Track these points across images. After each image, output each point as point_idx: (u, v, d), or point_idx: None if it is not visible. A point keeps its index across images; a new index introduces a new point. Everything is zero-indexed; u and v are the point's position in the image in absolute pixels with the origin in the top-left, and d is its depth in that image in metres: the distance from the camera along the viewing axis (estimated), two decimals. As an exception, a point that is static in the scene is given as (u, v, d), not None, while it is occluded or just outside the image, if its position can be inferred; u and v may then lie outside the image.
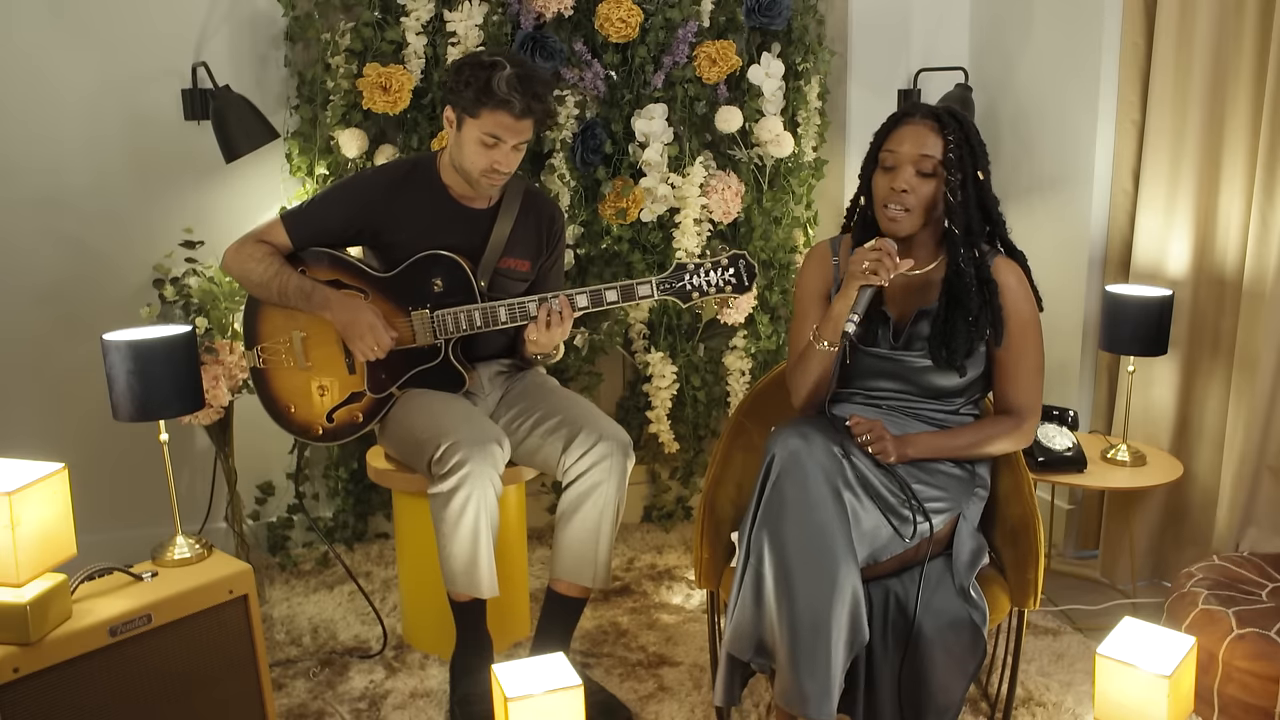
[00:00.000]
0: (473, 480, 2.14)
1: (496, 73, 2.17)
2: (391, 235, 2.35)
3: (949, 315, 1.95)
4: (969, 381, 1.99)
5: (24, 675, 1.68)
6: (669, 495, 3.31)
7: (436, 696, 2.36)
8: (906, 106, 1.99)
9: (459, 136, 2.26)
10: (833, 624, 1.75)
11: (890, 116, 2.00)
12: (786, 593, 1.78)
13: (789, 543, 1.79)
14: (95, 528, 2.40)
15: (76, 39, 2.72)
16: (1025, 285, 1.99)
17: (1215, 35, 2.55)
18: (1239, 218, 2.54)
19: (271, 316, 2.41)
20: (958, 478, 1.98)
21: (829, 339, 1.95)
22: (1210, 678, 2.06)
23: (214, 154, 2.73)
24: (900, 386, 2.01)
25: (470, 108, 2.20)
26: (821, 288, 2.09)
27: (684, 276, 2.28)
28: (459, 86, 2.21)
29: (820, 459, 1.83)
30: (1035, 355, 2.00)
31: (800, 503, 1.80)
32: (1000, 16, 3.16)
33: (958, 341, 1.94)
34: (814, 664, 1.75)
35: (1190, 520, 2.74)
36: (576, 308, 2.28)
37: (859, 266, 1.91)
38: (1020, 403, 2.00)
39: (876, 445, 1.89)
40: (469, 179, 2.30)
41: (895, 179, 1.93)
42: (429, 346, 2.36)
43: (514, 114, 2.19)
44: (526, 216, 2.43)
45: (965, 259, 1.94)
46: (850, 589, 1.78)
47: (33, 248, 2.78)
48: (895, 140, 1.95)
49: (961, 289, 1.94)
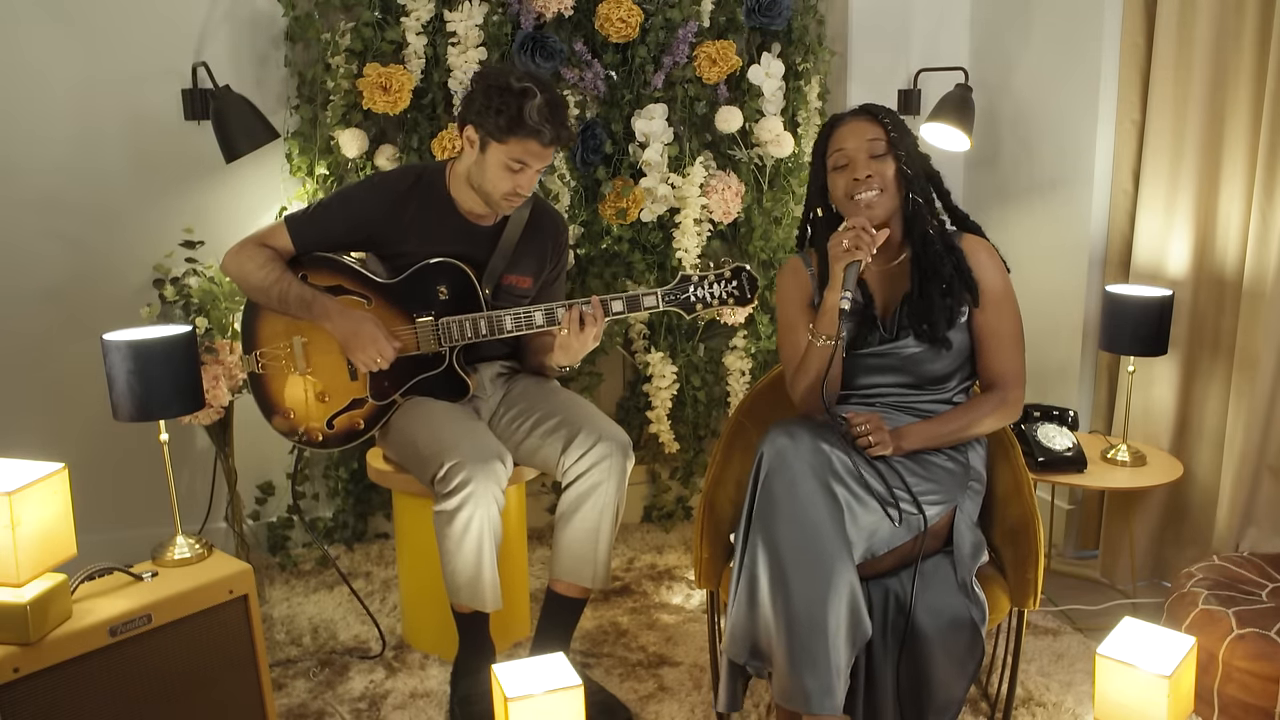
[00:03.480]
0: (476, 499, 2.14)
1: (528, 101, 2.15)
2: (396, 246, 2.33)
3: (924, 289, 2.01)
4: (958, 360, 2.03)
5: (24, 675, 1.68)
6: (669, 495, 3.31)
7: (436, 696, 2.36)
8: (829, 118, 2.11)
9: (482, 159, 2.23)
10: (829, 619, 1.75)
11: (822, 127, 2.10)
12: (782, 591, 1.78)
13: (781, 542, 1.80)
14: (95, 528, 2.40)
15: (76, 39, 2.72)
16: (995, 257, 2.06)
17: (1215, 35, 2.55)
18: (1239, 218, 2.54)
19: (271, 321, 2.39)
20: (950, 470, 1.99)
21: (826, 332, 1.98)
22: (1210, 678, 2.06)
23: (214, 154, 2.73)
24: (895, 380, 2.04)
25: (499, 134, 2.18)
26: (802, 297, 2.13)
27: (688, 288, 2.28)
28: (488, 112, 2.17)
29: (807, 456, 1.84)
30: (1013, 323, 2.05)
31: (790, 501, 1.81)
32: (1000, 16, 3.16)
33: (936, 313, 1.99)
34: (813, 660, 1.75)
35: (1190, 520, 2.74)
36: (558, 319, 2.25)
37: (839, 248, 1.96)
38: (1003, 372, 2.04)
39: (875, 436, 1.91)
40: (489, 200, 2.28)
41: (854, 170, 2.00)
42: (432, 354, 2.35)
43: (543, 143, 2.18)
44: (533, 233, 2.41)
45: (935, 230, 2.02)
46: (846, 584, 1.78)
47: (33, 248, 2.78)
48: (838, 140, 2.03)
49: (931, 258, 2.01)
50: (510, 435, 2.37)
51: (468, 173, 2.29)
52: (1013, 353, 2.04)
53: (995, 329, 2.03)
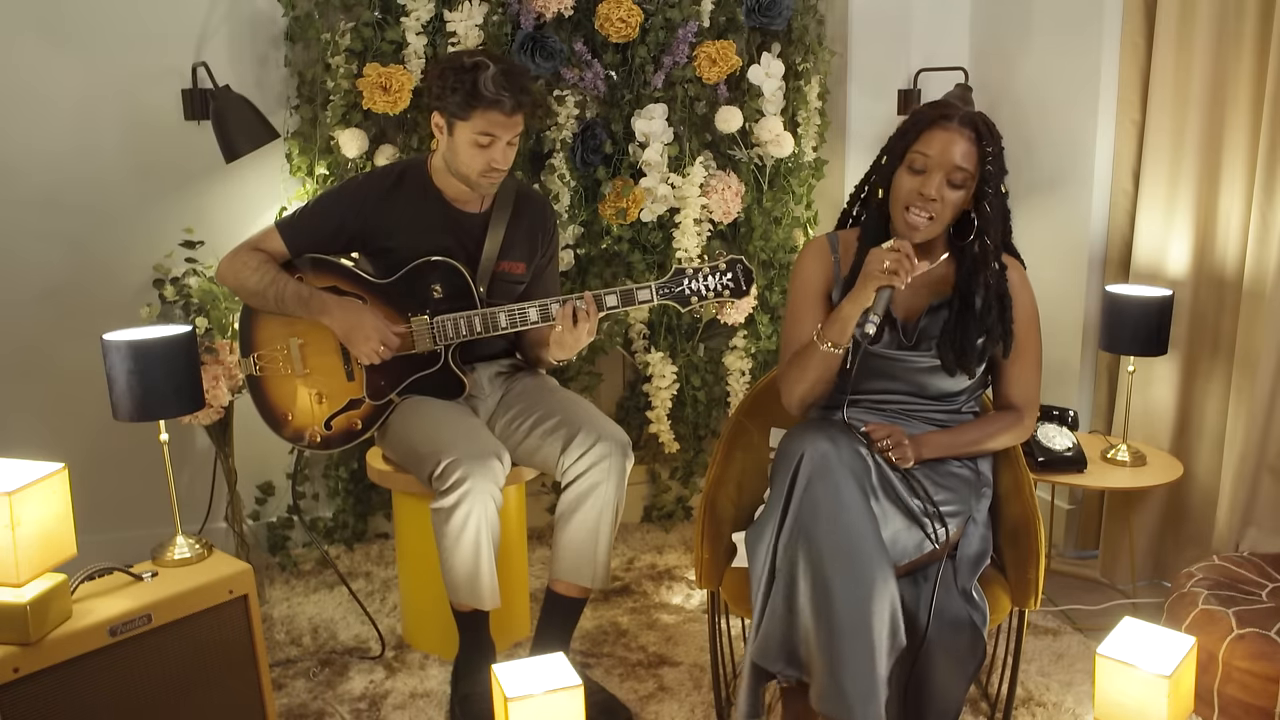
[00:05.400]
0: (473, 496, 2.14)
1: (481, 73, 2.17)
2: (386, 240, 2.34)
3: (962, 323, 1.93)
4: (971, 383, 1.99)
5: (24, 675, 1.68)
6: (669, 495, 3.31)
7: (436, 696, 2.36)
8: (941, 107, 1.91)
9: (451, 141, 2.26)
10: (874, 625, 1.72)
11: (924, 113, 1.90)
12: (825, 597, 1.74)
13: (824, 547, 1.75)
14: (95, 528, 2.40)
15: (76, 40, 2.72)
16: (1027, 282, 2.00)
17: (1215, 35, 2.55)
18: (1239, 218, 2.54)
19: (268, 323, 2.40)
20: (966, 479, 1.98)
21: (834, 340, 1.90)
22: (1210, 678, 2.06)
23: (214, 154, 2.73)
24: (902, 388, 1.99)
25: (460, 111, 2.20)
26: (821, 285, 2.03)
27: (682, 281, 2.28)
28: (444, 92, 2.21)
29: (849, 462, 1.80)
30: (1035, 352, 2.01)
31: (833, 506, 1.77)
32: (1000, 16, 3.16)
33: (970, 350, 1.93)
34: (857, 666, 1.72)
35: (1190, 520, 2.74)
36: (552, 315, 2.25)
37: (878, 266, 1.83)
38: (1021, 399, 2.02)
39: (897, 451, 1.88)
40: (467, 181, 2.30)
41: (925, 184, 1.86)
42: (428, 352, 2.36)
43: (505, 111, 2.19)
44: (520, 218, 2.43)
45: (992, 273, 1.92)
46: (888, 591, 1.75)
47: (33, 248, 2.78)
48: (928, 143, 1.86)
49: (981, 303, 1.92)
50: (509, 435, 2.37)
51: (445, 159, 2.31)
52: (1031, 379, 2.01)
53: (1020, 351, 1.99)
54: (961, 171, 1.86)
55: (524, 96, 2.21)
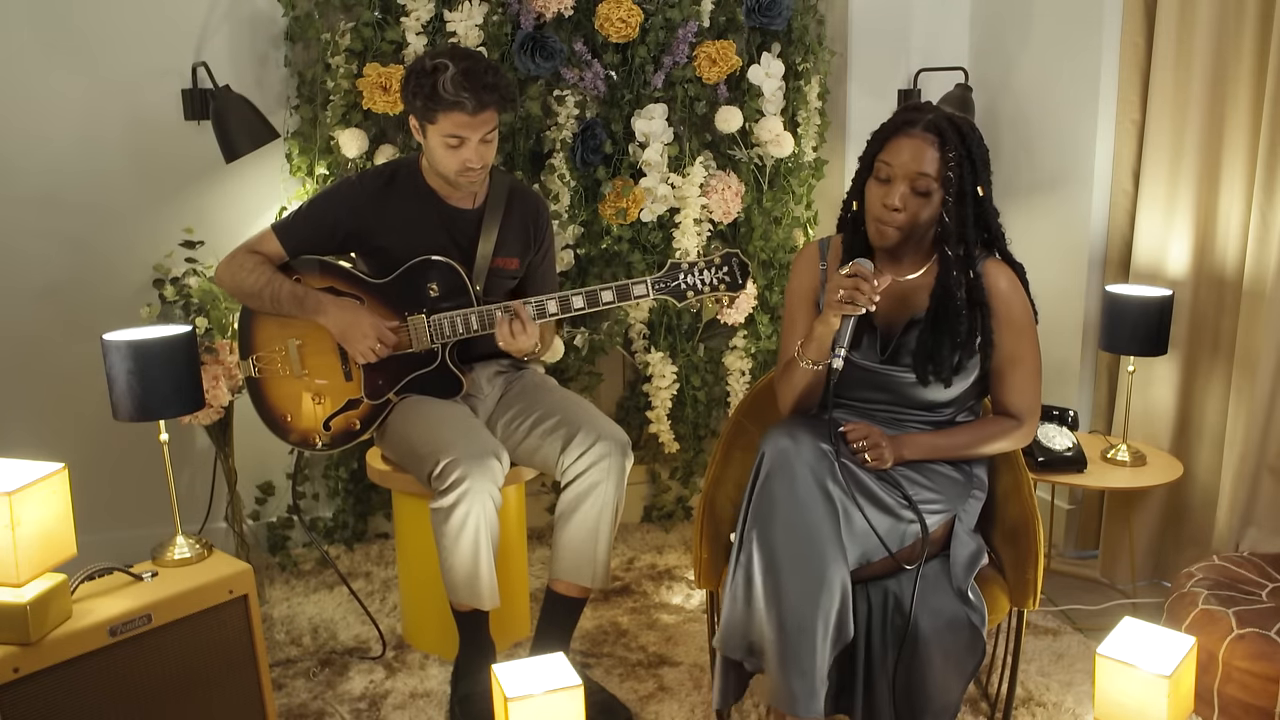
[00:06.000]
0: (472, 496, 2.15)
1: (440, 76, 2.16)
2: (381, 239, 2.34)
3: (935, 332, 1.90)
4: (958, 394, 1.96)
5: (24, 675, 1.68)
6: (669, 495, 3.31)
7: (436, 696, 2.36)
8: (908, 113, 1.89)
9: (426, 143, 2.27)
10: (818, 624, 1.75)
11: (889, 121, 1.91)
12: (774, 593, 1.78)
13: (777, 544, 1.79)
14: (95, 528, 2.40)
15: (76, 39, 2.72)
16: (1018, 288, 1.95)
17: (1215, 35, 2.55)
18: (1239, 218, 2.54)
19: (266, 325, 2.40)
20: (953, 479, 1.98)
21: (813, 358, 1.93)
22: (1210, 678, 2.06)
23: (214, 154, 2.73)
24: (887, 398, 1.98)
25: (426, 114, 2.21)
26: (809, 291, 2.06)
27: (678, 275, 2.29)
28: (409, 97, 2.22)
29: (808, 458, 1.82)
30: (1031, 360, 1.96)
31: (789, 503, 1.80)
32: (1000, 16, 3.16)
33: (943, 360, 1.89)
34: (800, 664, 1.76)
35: (1190, 520, 2.74)
36: (548, 312, 2.26)
37: (834, 296, 1.85)
38: (1018, 407, 1.98)
39: (873, 453, 1.88)
40: (447, 180, 2.31)
41: (889, 193, 1.85)
42: (426, 351, 2.36)
43: (469, 112, 2.18)
44: (511, 214, 2.43)
45: (956, 282, 1.88)
46: (839, 588, 1.77)
47: (33, 248, 2.78)
48: (892, 151, 1.86)
49: (951, 310, 1.88)
50: (509, 435, 2.37)
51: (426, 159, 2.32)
52: (1028, 388, 1.96)
53: (1011, 366, 1.95)
54: (925, 178, 1.84)
55: (488, 94, 2.18)
